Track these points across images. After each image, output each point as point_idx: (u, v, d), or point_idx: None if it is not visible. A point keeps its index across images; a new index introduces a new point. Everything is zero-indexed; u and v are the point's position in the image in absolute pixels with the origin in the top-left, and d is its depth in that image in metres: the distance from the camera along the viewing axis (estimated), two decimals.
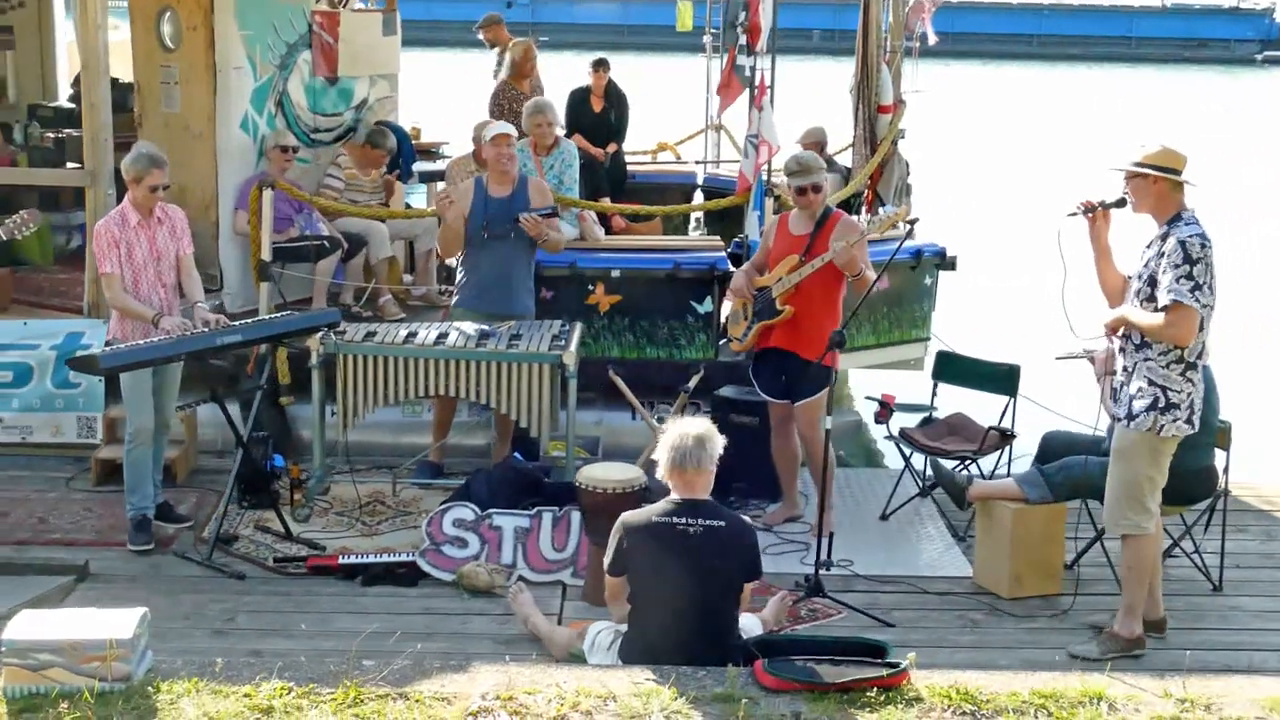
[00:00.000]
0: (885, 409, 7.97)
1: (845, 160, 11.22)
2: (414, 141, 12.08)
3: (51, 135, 11.74)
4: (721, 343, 8.18)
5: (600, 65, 12.35)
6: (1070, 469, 6.93)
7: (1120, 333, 6.13)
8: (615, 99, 12.29)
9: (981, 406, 8.22)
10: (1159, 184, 5.96)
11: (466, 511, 7.13)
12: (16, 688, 4.68)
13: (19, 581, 6.78)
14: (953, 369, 8.35)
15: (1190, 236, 5.83)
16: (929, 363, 8.93)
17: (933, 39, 10.63)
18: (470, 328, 7.67)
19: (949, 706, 4.75)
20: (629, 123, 12.39)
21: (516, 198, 7.87)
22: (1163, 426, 5.99)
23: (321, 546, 7.26)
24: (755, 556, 5.27)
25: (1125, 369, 6.11)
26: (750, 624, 5.62)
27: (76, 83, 12.30)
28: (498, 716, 4.61)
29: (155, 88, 10.09)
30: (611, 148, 12.20)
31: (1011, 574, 6.86)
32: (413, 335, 7.66)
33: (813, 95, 11.20)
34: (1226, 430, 6.90)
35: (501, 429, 8.17)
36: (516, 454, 7.84)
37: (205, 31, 9.54)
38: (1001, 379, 8.02)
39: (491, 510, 7.10)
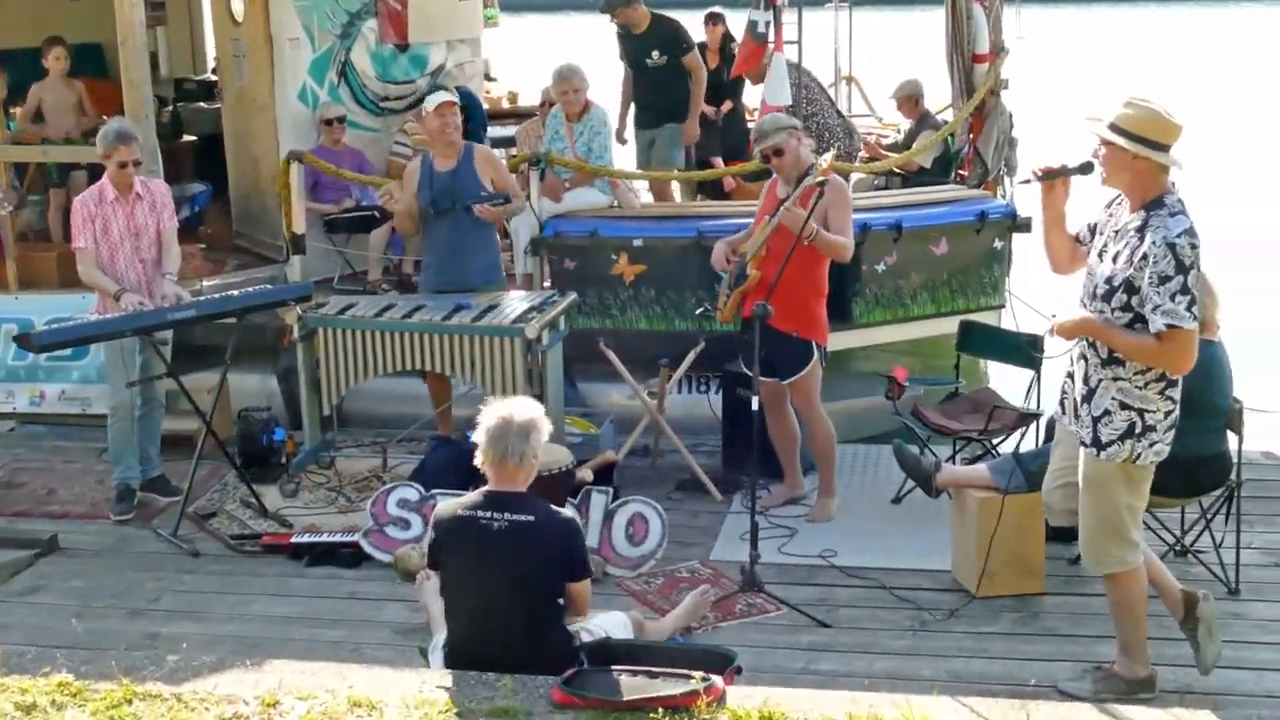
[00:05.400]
0: (895, 385, 7.32)
1: (950, 117, 10.45)
2: (510, 106, 11.90)
3: (169, 110, 12.10)
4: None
5: (714, 19, 11.84)
6: (1049, 456, 6.21)
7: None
8: (731, 56, 11.75)
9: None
10: (1140, 161, 4.86)
11: (411, 492, 6.93)
12: None
13: None
14: (975, 340, 7.60)
15: (1180, 237, 4.75)
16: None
17: None
18: (445, 301, 7.45)
19: None
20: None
21: (460, 171, 7.58)
22: (1139, 455, 5.01)
23: (290, 524, 7.20)
24: (573, 554, 4.85)
25: (1085, 382, 5.10)
26: (609, 625, 5.21)
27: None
28: None
29: (229, 61, 10.26)
30: (727, 106, 11.70)
31: (981, 569, 6.21)
32: (387, 309, 7.48)
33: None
34: (1238, 411, 6.04)
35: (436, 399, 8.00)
36: (469, 433, 7.57)
37: (262, 4, 9.60)
38: (1022, 351, 7.18)
39: (435, 491, 6.87)
